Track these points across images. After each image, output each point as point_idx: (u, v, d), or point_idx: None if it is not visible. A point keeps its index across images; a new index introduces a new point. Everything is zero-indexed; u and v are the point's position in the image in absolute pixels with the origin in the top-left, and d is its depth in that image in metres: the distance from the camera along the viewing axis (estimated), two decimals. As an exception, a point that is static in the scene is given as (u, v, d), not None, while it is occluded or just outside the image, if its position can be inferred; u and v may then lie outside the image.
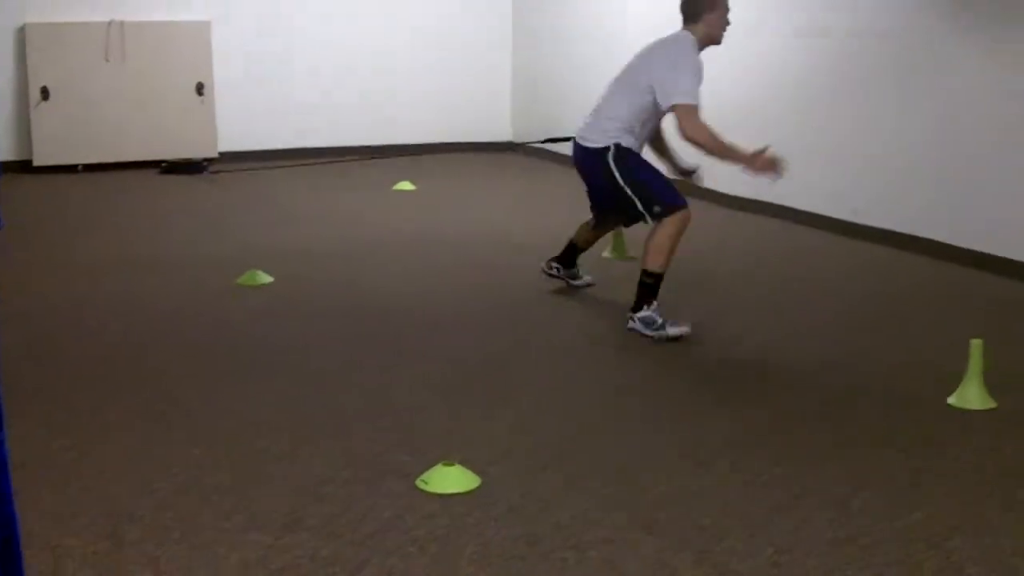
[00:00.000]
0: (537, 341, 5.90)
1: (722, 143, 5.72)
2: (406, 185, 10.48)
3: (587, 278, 6.78)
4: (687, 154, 6.32)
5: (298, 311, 6.38)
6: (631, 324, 5.89)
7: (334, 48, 12.24)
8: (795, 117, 8.92)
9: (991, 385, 4.92)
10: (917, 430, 4.65)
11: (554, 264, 6.73)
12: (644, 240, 5.98)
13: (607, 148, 5.93)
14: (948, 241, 7.62)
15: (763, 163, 5.69)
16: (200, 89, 11.59)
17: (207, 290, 6.78)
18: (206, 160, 11.46)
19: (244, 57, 11.82)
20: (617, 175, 5.91)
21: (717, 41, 5.93)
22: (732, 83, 9.53)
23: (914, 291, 7.00)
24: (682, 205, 5.87)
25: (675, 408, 4.93)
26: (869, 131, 8.30)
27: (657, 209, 5.86)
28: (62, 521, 3.77)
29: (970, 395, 4.90)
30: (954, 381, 4.98)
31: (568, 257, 6.72)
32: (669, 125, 6.09)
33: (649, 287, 5.88)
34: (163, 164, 11.31)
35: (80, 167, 11.20)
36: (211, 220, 9.00)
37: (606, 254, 7.62)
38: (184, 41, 11.53)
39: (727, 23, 5.93)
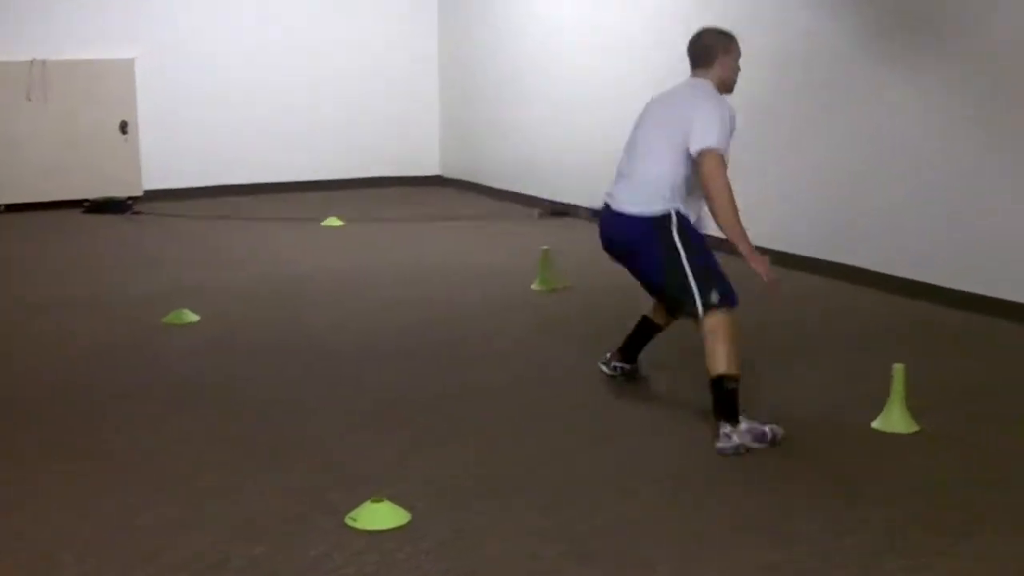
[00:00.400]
0: (466, 376, 5.88)
1: (736, 214, 4.91)
2: (334, 221, 10.45)
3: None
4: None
5: (225, 349, 6.33)
6: (732, 442, 4.74)
7: (259, 84, 12.21)
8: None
9: (914, 409, 4.98)
10: (843, 455, 4.69)
11: (618, 365, 5.70)
12: (705, 348, 4.92)
13: (667, 215, 5.02)
14: (867, 267, 7.72)
15: (760, 263, 4.90)
16: (124, 127, 11.50)
17: (133, 329, 6.71)
18: (130, 199, 11.37)
19: (168, 95, 11.75)
20: (680, 247, 4.97)
21: (731, 88, 5.25)
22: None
23: (834, 317, 7.07)
24: (736, 300, 4.98)
25: (606, 439, 4.93)
26: (786, 157, 8.39)
27: (715, 300, 4.89)
28: (-16, 568, 3.72)
29: (894, 419, 4.95)
30: (878, 406, 5.03)
31: (638, 343, 5.69)
32: None
33: (730, 393, 4.83)
34: (86, 203, 11.21)
35: (3, 207, 11.06)
36: (137, 259, 8.93)
37: (534, 286, 7.64)
38: (107, 79, 11.44)
39: (738, 69, 5.29)
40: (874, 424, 4.96)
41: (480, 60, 12.24)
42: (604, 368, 5.70)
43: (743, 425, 4.79)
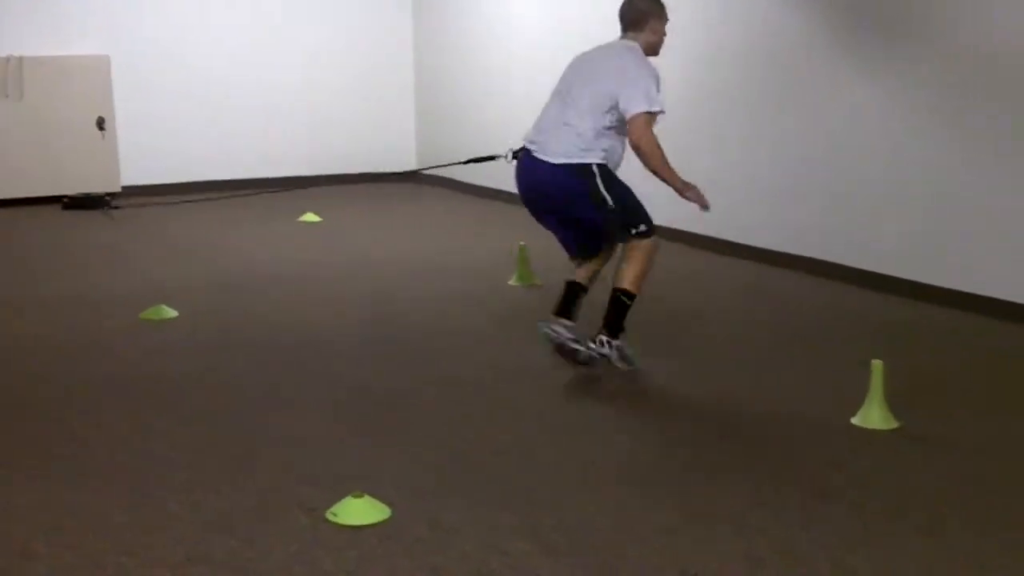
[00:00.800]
0: (442, 371, 5.89)
1: (666, 161, 5.50)
2: (312, 217, 10.44)
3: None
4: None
5: (203, 345, 6.32)
6: (604, 350, 5.58)
7: (236, 80, 12.20)
8: (679, 137, 8.98)
9: (893, 405, 5.00)
10: (821, 450, 4.71)
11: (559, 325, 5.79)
12: (621, 262, 5.62)
13: (589, 164, 5.53)
14: (844, 263, 7.76)
15: (695, 194, 5.59)
16: (101, 124, 11.47)
17: (111, 326, 6.70)
18: (108, 195, 11.33)
19: (144, 91, 11.74)
20: (603, 190, 5.51)
21: (656, 51, 5.72)
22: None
23: (813, 313, 7.09)
24: (655, 230, 5.62)
25: (575, 432, 4.94)
26: (757, 152, 8.43)
27: (643, 228, 5.55)
28: (-40, 563, 3.70)
29: (873, 415, 4.96)
30: (856, 402, 5.05)
31: (568, 303, 5.90)
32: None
33: (625, 309, 5.60)
34: (65, 200, 11.17)
35: (-20, 204, 11.05)
36: (114, 255, 8.91)
37: (512, 281, 7.65)
38: (83, 76, 11.42)
39: (665, 33, 5.74)
40: (853, 420, 4.98)
41: (455, 55, 12.23)
42: (546, 329, 5.75)
43: (618, 342, 5.58)
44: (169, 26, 11.89)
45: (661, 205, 6.00)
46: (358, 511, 4.01)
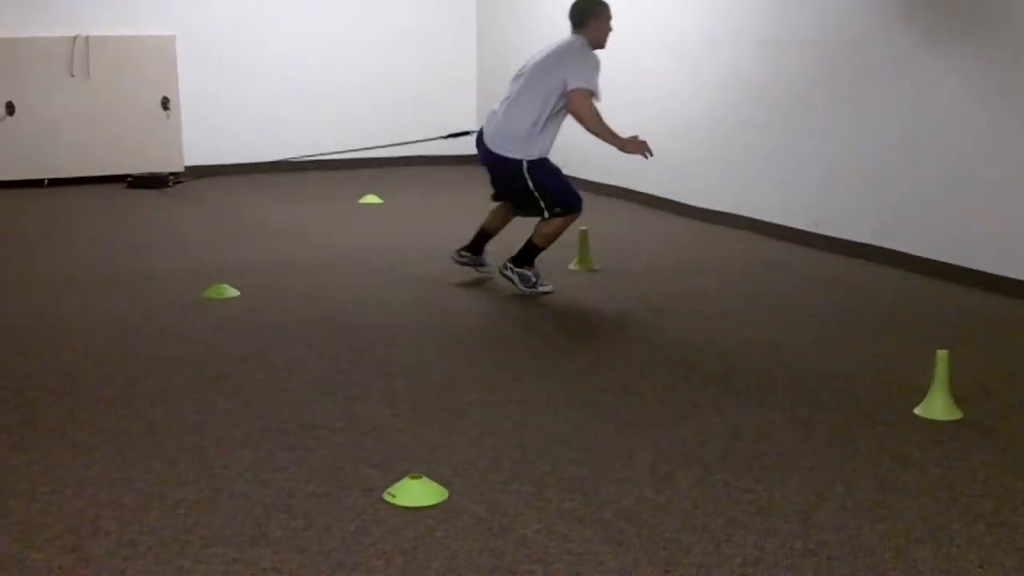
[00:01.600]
0: (500, 357, 5.89)
1: (603, 123, 6.75)
2: (373, 198, 10.47)
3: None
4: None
5: (264, 324, 6.36)
6: (507, 272, 7.05)
7: (299, 61, 12.23)
8: (756, 128, 8.97)
9: (957, 396, 4.95)
10: (884, 441, 4.67)
11: (464, 253, 7.40)
12: (537, 224, 6.97)
13: (520, 161, 6.81)
14: (912, 252, 7.67)
15: (635, 146, 6.83)
16: (165, 103, 11.55)
17: (173, 304, 6.75)
18: (172, 174, 11.42)
19: (209, 71, 11.80)
20: (529, 183, 6.83)
21: (602, 45, 6.90)
22: (693, 93, 9.60)
23: (879, 302, 7.03)
24: (577, 209, 6.93)
25: (638, 420, 4.92)
26: (830, 142, 8.34)
27: (558, 211, 6.86)
28: (26, 535, 3.74)
29: (936, 406, 4.92)
30: (921, 392, 5.00)
31: (478, 245, 7.39)
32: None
33: (533, 255, 7.01)
34: (129, 179, 11.27)
35: (46, 182, 11.15)
36: (177, 234, 8.97)
37: (572, 266, 7.65)
38: (148, 56, 11.50)
39: (610, 29, 6.91)
40: (916, 411, 4.93)
41: (519, 37, 12.20)
42: (455, 258, 7.41)
43: (522, 270, 7.00)
44: (234, 6, 11.94)
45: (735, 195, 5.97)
46: (416, 492, 4.02)
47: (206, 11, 11.83)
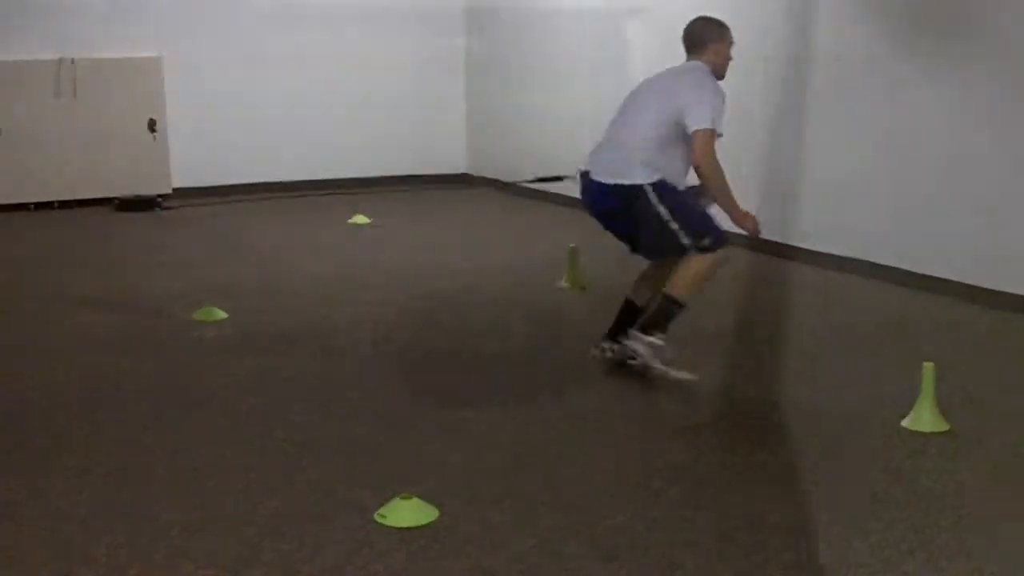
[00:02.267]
0: (489, 375, 5.89)
1: (726, 182, 5.49)
2: (361, 219, 10.47)
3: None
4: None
5: (253, 346, 6.35)
6: (635, 345, 5.56)
7: (286, 82, 12.22)
8: (739, 142, 8.95)
9: (944, 407, 4.97)
10: (872, 453, 4.68)
11: (609, 343, 5.81)
12: (677, 266, 5.54)
13: (640, 186, 5.46)
14: (897, 265, 7.69)
15: (750, 222, 5.61)
16: (152, 125, 11.54)
17: (161, 326, 6.75)
18: (159, 196, 11.40)
19: (196, 93, 11.78)
20: (661, 210, 5.43)
21: (722, 74, 5.71)
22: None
23: (864, 315, 7.05)
24: (726, 242, 5.52)
25: (628, 437, 4.94)
26: (814, 155, 8.36)
27: (707, 243, 5.43)
28: (16, 562, 3.74)
29: (923, 418, 4.93)
30: (907, 404, 5.02)
31: (622, 325, 5.78)
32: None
33: (672, 314, 5.58)
34: (116, 201, 11.25)
35: (33, 205, 11.12)
36: (165, 256, 8.96)
37: (562, 283, 7.64)
38: (135, 78, 11.48)
39: (730, 57, 5.77)
40: (903, 423, 4.95)
41: (506, 56, 12.23)
42: (595, 352, 5.82)
43: (654, 338, 5.51)
44: (220, 28, 11.93)
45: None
46: (407, 513, 4.02)
47: (193, 33, 11.81)
